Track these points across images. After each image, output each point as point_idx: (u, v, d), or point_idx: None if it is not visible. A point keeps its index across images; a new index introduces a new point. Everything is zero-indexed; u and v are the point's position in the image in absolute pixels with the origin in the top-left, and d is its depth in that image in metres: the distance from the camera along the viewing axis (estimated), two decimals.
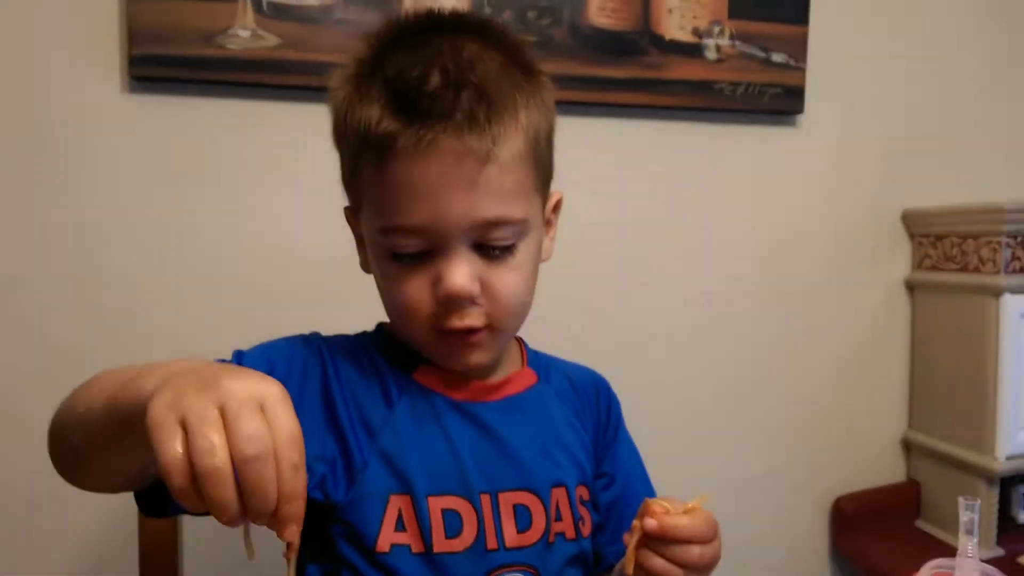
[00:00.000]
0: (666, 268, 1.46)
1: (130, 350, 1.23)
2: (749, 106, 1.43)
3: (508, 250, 0.71)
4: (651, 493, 0.87)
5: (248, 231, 1.27)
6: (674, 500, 0.65)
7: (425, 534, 0.68)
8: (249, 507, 0.44)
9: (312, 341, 0.76)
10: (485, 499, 0.71)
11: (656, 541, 0.62)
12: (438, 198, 0.66)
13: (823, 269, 1.53)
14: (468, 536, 0.69)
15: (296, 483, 0.45)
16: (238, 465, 0.44)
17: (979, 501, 0.58)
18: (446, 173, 0.66)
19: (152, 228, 1.24)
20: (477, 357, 0.73)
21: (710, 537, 0.63)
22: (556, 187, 1.37)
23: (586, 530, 0.77)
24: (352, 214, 0.78)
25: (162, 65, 1.21)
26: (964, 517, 0.58)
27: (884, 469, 1.56)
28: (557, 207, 0.82)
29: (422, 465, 0.70)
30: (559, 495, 0.75)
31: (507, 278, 0.71)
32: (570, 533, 0.75)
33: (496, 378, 0.78)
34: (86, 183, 1.22)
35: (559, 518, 0.75)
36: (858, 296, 1.55)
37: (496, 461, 0.73)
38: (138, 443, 0.47)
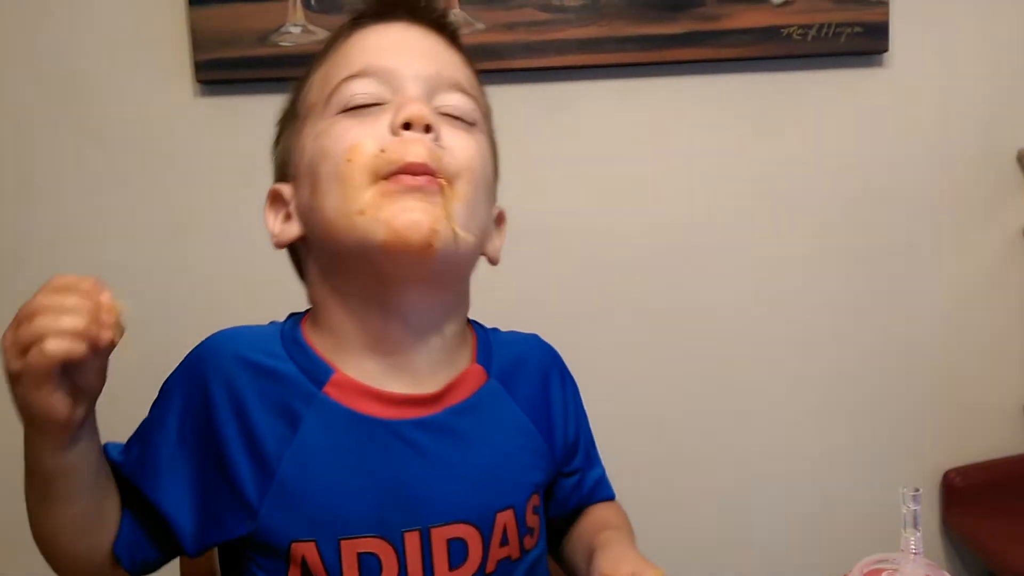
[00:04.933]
0: (746, 232, 1.38)
1: (212, 328, 1.35)
2: (824, 50, 1.32)
3: (468, 125, 0.66)
4: (603, 469, 0.80)
5: None
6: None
7: None
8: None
9: (194, 366, 0.65)
10: (412, 538, 0.61)
11: None
12: (402, 48, 0.66)
13: (925, 222, 1.39)
14: None
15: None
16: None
17: (922, 491, 0.53)
18: (413, 37, 0.67)
19: (224, 220, 1.34)
20: (426, 213, 0.59)
21: None
22: (618, 153, 1.36)
23: (535, 539, 0.68)
24: (284, 186, 0.69)
25: (223, 68, 1.30)
26: (905, 509, 0.53)
27: (1002, 439, 1.41)
28: (500, 221, 0.73)
29: (332, 503, 0.60)
30: (506, 519, 0.65)
31: (467, 141, 0.64)
32: (516, 554, 0.66)
33: (432, 388, 0.65)
34: (166, 182, 1.34)
35: (504, 542, 0.65)
36: (968, 249, 1.39)
37: (428, 490, 0.62)
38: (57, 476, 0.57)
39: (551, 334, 0.82)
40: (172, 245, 1.35)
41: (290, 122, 0.70)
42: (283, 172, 0.70)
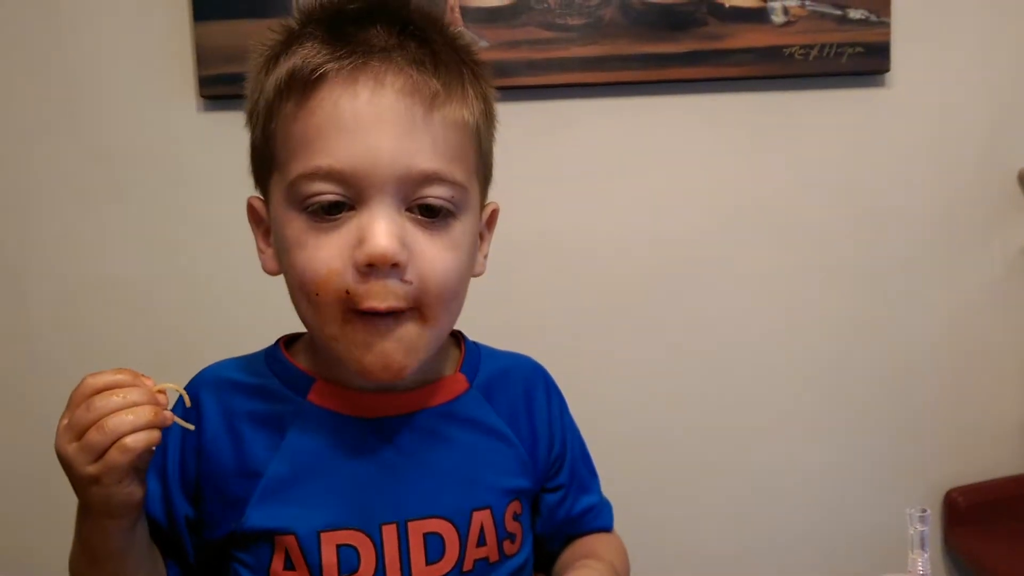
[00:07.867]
0: (747, 250, 1.38)
1: (214, 343, 1.34)
2: (826, 69, 1.32)
3: (445, 219, 0.61)
4: (600, 499, 0.80)
5: None
6: None
7: (314, 573, 0.63)
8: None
9: (190, 393, 0.66)
10: (389, 530, 0.64)
11: None
12: (368, 135, 0.58)
13: (926, 241, 1.39)
14: (366, 572, 0.63)
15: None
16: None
17: (929, 512, 0.52)
18: (381, 109, 0.58)
19: (227, 235, 1.34)
20: (397, 353, 0.60)
21: None
22: (620, 171, 1.36)
23: (516, 546, 0.70)
24: (258, 200, 0.67)
25: (227, 83, 1.30)
26: (912, 530, 0.53)
27: (1004, 459, 1.40)
28: (492, 219, 0.71)
29: (314, 499, 0.64)
30: (482, 518, 0.67)
31: (442, 254, 0.60)
32: (494, 556, 0.68)
33: (413, 388, 0.67)
34: (169, 197, 1.34)
35: (482, 542, 0.67)
36: (969, 269, 1.40)
37: (406, 486, 0.65)
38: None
39: (552, 349, 0.82)
40: (175, 259, 1.35)
41: (256, 109, 0.65)
42: (256, 168, 0.67)
